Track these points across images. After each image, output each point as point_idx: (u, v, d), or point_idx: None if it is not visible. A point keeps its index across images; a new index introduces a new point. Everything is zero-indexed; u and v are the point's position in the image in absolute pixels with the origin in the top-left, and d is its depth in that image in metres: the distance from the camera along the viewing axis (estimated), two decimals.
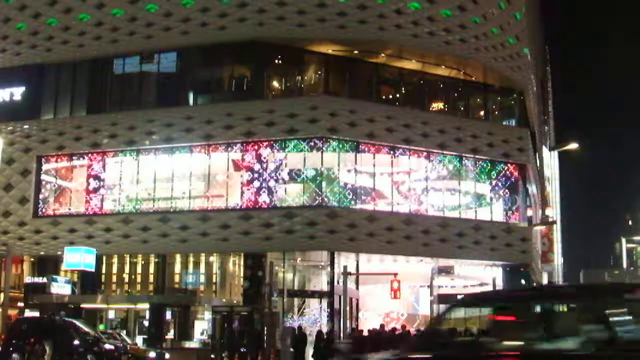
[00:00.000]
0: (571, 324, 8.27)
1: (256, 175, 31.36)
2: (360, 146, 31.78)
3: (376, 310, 36.13)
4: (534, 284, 34.35)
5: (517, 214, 34.37)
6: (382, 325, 29.25)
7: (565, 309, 8.87)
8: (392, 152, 32.45)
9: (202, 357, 28.49)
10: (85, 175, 34.08)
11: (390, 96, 35.33)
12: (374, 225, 31.09)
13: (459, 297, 36.18)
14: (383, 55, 33.61)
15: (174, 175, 32.69)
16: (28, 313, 31.27)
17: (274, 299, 27.38)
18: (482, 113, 36.78)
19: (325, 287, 32.45)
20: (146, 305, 31.28)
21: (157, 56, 34.19)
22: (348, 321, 30.27)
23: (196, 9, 32.90)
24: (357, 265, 33.41)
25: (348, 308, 30.55)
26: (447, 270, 36.90)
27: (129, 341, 27.95)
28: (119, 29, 33.96)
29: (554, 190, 76.12)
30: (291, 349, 26.54)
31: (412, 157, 33.09)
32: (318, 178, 31.07)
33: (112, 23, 34.13)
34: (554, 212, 65.76)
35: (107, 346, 23.75)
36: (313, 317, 32.35)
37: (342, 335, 28.41)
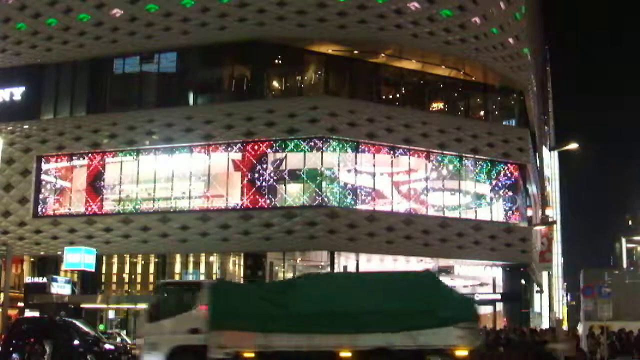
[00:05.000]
0: None
1: (256, 175, 31.37)
2: (360, 146, 31.78)
3: None
4: None
5: (517, 214, 34.37)
6: None
7: None
8: (392, 152, 32.44)
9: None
10: (85, 175, 34.09)
11: (390, 96, 35.33)
12: (374, 225, 31.09)
13: None
14: (383, 55, 33.61)
15: (174, 175, 32.70)
16: (28, 313, 31.24)
17: None
18: (482, 113, 36.78)
19: None
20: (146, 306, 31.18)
21: (157, 56, 34.21)
22: None
23: (196, 9, 32.89)
24: (357, 265, 33.39)
25: None
26: (447, 270, 36.85)
27: (129, 341, 27.91)
28: (119, 29, 33.97)
29: (554, 190, 76.08)
30: None
31: (412, 157, 33.07)
32: (318, 178, 31.06)
33: (112, 23, 34.13)
34: (554, 212, 65.72)
35: (107, 346, 23.70)
36: None
37: None
